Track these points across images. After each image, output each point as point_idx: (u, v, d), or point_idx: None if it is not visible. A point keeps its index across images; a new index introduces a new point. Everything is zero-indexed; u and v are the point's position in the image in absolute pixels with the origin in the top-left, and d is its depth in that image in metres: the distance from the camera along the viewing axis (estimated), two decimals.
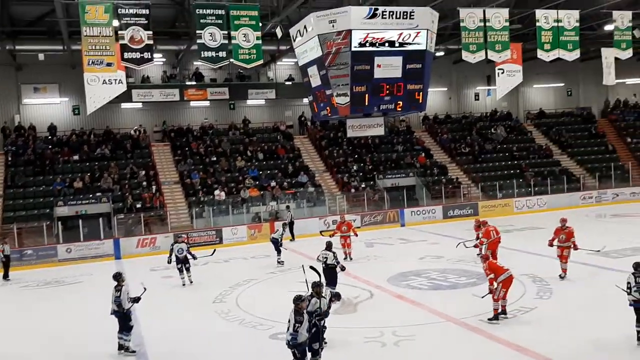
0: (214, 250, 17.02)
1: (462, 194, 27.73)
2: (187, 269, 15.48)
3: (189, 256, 15.35)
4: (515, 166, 30.43)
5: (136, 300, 10.32)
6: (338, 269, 12.41)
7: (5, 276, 18.06)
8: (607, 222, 23.10)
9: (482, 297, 10.98)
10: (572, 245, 13.58)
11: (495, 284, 10.65)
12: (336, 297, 10.92)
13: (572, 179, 29.57)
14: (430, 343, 9.94)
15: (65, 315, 13.55)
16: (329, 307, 9.15)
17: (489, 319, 10.64)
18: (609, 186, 28.98)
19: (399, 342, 9.93)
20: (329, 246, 12.79)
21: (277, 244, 17.60)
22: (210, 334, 11.14)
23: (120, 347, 10.29)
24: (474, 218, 19.77)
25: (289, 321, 8.15)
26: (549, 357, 8.82)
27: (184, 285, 15.38)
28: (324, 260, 12.51)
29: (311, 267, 9.62)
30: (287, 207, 22.35)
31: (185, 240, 16.11)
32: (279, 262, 17.44)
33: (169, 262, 15.60)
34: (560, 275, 13.60)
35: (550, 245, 13.82)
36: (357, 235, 18.20)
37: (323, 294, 8.86)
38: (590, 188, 29.05)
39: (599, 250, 14.15)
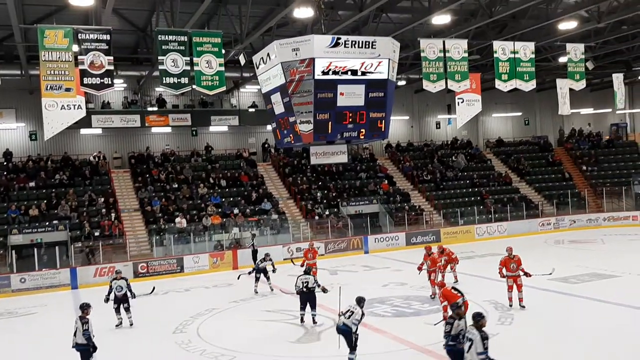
0: (153, 288, 15.90)
1: (425, 220, 28.00)
2: (127, 309, 13.96)
3: (129, 294, 13.97)
4: (476, 193, 30.95)
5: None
6: (319, 290, 12.86)
7: None
8: (566, 248, 23.59)
9: (435, 325, 11.08)
10: (522, 273, 13.44)
11: (449, 311, 10.68)
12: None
13: (530, 205, 30.22)
14: None
15: (18, 348, 12.97)
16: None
17: (444, 346, 10.65)
18: (566, 213, 29.73)
19: None
20: (307, 271, 13.24)
21: (264, 272, 17.04)
22: None
23: None
24: (437, 244, 19.92)
25: (470, 341, 7.84)
26: None
27: (117, 326, 13.87)
28: (305, 284, 12.84)
29: (454, 288, 9.39)
30: (253, 235, 21.85)
31: (126, 277, 14.51)
32: (271, 288, 17.07)
33: (106, 300, 13.89)
34: (511, 305, 13.49)
35: (502, 276, 13.70)
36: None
37: (464, 316, 8.67)
38: (549, 215, 29.74)
39: (550, 274, 14.25)
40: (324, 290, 12.97)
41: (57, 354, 12.08)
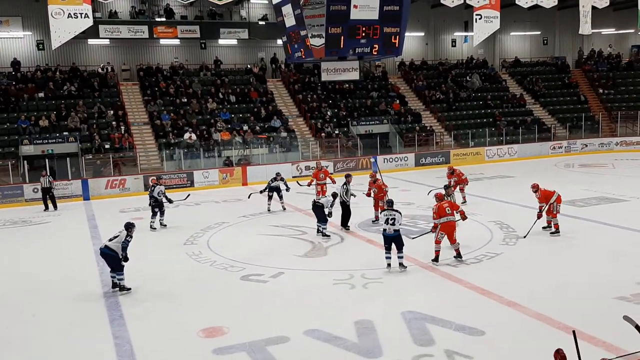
0: (188, 194, 16.54)
1: (435, 142, 27.84)
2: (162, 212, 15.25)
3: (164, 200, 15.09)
4: (489, 115, 30.53)
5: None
6: (326, 212, 13.33)
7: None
8: (575, 172, 23.51)
9: (413, 238, 11.84)
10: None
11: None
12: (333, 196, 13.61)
13: (543, 128, 29.88)
14: (397, 285, 10.10)
15: (33, 254, 13.35)
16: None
17: (432, 260, 11.09)
18: (578, 136, 29.42)
19: (367, 284, 10.07)
20: (334, 195, 13.73)
21: (276, 191, 17.09)
22: (182, 276, 11.10)
23: (115, 285, 10.12)
24: (447, 166, 19.91)
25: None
26: (513, 300, 9.03)
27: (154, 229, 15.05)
28: (319, 197, 14.36)
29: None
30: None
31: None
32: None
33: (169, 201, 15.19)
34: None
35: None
36: (334, 182, 17.91)
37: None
38: (561, 138, 29.46)
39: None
40: (329, 215, 13.44)
41: (74, 259, 12.48)
